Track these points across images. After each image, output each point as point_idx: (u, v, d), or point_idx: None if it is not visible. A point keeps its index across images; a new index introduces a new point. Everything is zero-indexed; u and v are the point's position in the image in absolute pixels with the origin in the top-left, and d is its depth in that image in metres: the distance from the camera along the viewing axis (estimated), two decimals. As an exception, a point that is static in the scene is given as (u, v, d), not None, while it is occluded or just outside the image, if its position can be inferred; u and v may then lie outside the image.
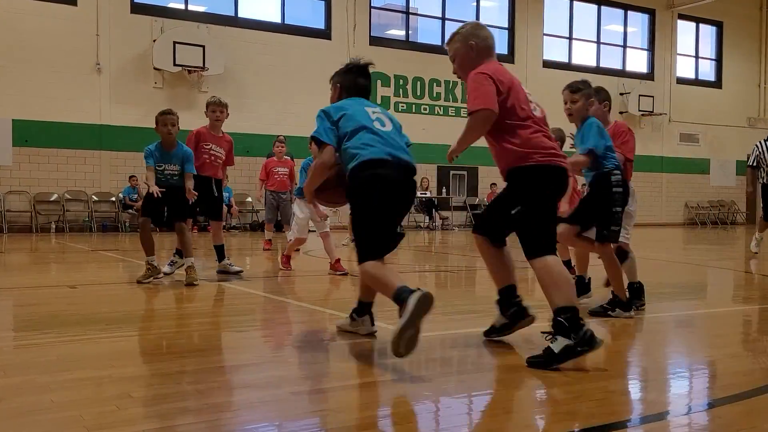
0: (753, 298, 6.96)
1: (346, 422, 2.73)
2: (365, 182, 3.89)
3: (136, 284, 6.63)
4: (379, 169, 3.89)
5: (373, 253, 3.89)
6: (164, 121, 6.63)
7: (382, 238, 3.95)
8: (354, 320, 4.48)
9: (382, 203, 3.90)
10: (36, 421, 2.67)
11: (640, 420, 2.86)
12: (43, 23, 15.52)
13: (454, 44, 4.26)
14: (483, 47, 4.23)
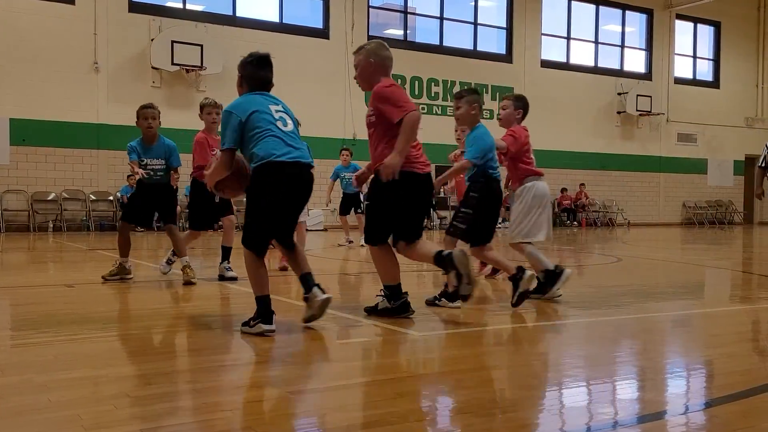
0: (750, 297, 6.97)
1: (345, 422, 2.73)
2: (268, 184, 4.25)
3: (135, 282, 6.62)
4: (281, 172, 4.25)
5: (259, 247, 4.32)
6: (144, 115, 6.62)
7: (272, 236, 4.41)
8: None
9: (281, 204, 4.29)
10: (33, 421, 2.67)
11: (637, 420, 2.86)
12: (41, 22, 15.50)
13: (359, 56, 4.91)
14: (380, 65, 4.85)
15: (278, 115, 4.43)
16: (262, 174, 4.27)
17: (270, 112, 4.42)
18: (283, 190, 4.27)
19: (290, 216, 4.44)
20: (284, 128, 4.38)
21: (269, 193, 4.26)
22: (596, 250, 13.12)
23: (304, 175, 4.37)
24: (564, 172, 22.50)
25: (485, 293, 6.52)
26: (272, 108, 4.45)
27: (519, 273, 5.40)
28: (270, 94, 4.66)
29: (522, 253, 5.91)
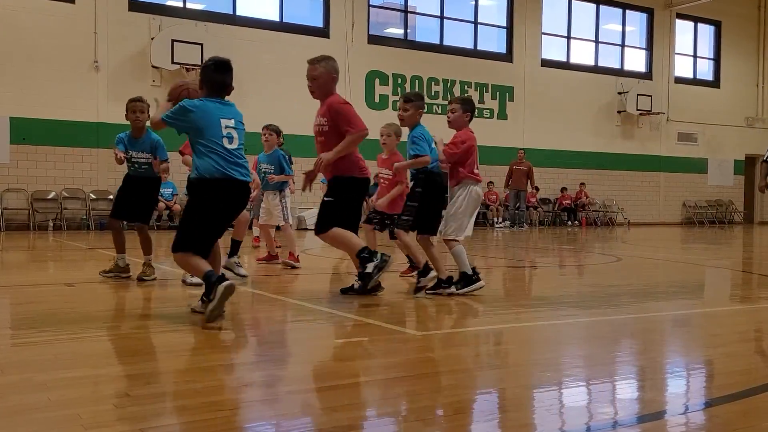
0: (750, 297, 6.98)
1: (343, 421, 2.73)
2: (204, 199, 4.65)
3: (135, 282, 6.62)
4: (219, 189, 4.61)
5: (194, 248, 4.64)
6: (133, 108, 6.74)
7: (205, 242, 4.73)
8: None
9: (216, 216, 4.69)
10: (33, 420, 2.67)
11: (637, 419, 2.86)
12: (41, 21, 15.49)
13: (320, 68, 5.73)
14: (335, 79, 5.75)
15: (226, 131, 4.67)
16: (200, 188, 4.66)
17: (220, 127, 4.66)
18: (218, 207, 4.66)
19: (219, 229, 4.82)
20: (229, 146, 4.66)
21: (204, 208, 4.64)
22: (596, 249, 13.12)
23: (237, 192, 4.72)
24: (564, 172, 22.49)
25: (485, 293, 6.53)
26: (223, 123, 4.68)
27: (425, 270, 6.07)
28: (226, 102, 4.87)
29: (450, 248, 6.11)
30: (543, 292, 7.04)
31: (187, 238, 4.64)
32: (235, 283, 4.61)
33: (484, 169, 21.31)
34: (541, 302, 6.09)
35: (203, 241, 4.72)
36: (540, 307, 5.78)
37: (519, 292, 7.21)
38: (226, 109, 4.81)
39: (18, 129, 15.45)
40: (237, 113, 4.87)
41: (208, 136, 4.61)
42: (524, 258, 11.03)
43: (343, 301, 5.69)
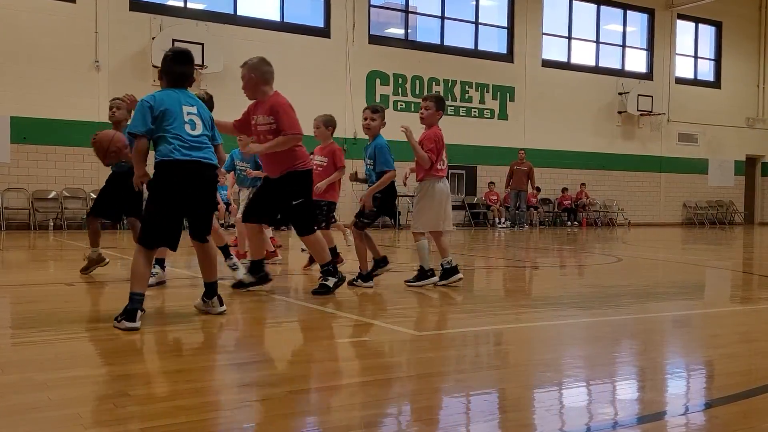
0: (750, 298, 6.97)
1: (345, 422, 2.73)
2: (162, 182, 4.54)
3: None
4: (175, 171, 4.51)
5: (150, 242, 4.58)
6: (110, 105, 6.94)
7: (163, 232, 4.60)
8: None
9: (171, 202, 4.56)
10: (33, 419, 2.67)
11: (637, 420, 2.86)
12: (42, 20, 15.50)
13: (243, 70, 5.87)
14: (261, 78, 5.79)
15: (188, 117, 4.62)
16: (159, 172, 4.56)
17: (181, 113, 4.60)
18: (175, 189, 4.55)
19: (181, 215, 4.67)
20: (191, 131, 4.60)
21: (163, 192, 4.56)
22: (597, 250, 13.12)
23: (198, 172, 4.58)
24: (564, 172, 22.49)
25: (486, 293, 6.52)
26: (185, 109, 4.63)
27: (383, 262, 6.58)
28: (187, 91, 4.81)
29: (415, 241, 6.55)
30: (543, 293, 7.04)
31: (148, 230, 4.57)
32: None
33: (485, 169, 21.45)
34: (542, 302, 6.09)
35: (165, 229, 4.59)
36: (540, 307, 5.78)
37: (519, 292, 7.21)
38: (187, 96, 4.75)
39: (19, 128, 15.46)
40: (197, 101, 4.82)
41: (170, 121, 4.54)
42: (525, 258, 11.03)
43: (343, 301, 5.69)
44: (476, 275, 8.91)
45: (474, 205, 21.07)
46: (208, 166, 4.64)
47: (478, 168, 21.05)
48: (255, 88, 5.81)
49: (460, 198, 20.86)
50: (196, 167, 4.56)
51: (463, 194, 20.96)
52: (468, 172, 20.99)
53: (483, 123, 20.97)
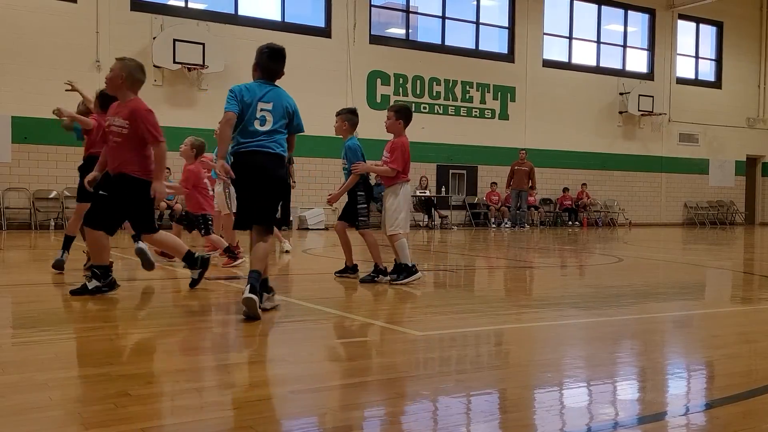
0: (751, 298, 6.97)
1: (345, 422, 2.73)
2: (235, 167, 4.99)
3: (135, 281, 6.63)
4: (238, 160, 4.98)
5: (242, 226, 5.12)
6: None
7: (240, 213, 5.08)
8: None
9: (245, 186, 5.00)
10: (34, 419, 2.67)
11: (638, 420, 2.86)
12: (43, 20, 15.50)
13: (118, 64, 5.74)
14: (129, 83, 5.65)
15: (261, 114, 4.96)
16: (235, 161, 5.01)
17: (255, 108, 4.96)
18: (244, 176, 4.98)
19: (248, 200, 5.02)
20: (260, 127, 4.96)
21: (237, 179, 5.01)
22: (597, 250, 13.11)
23: (262, 162, 4.95)
24: (565, 172, 22.49)
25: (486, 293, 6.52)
26: (260, 105, 4.97)
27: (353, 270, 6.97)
28: (272, 85, 5.11)
29: (394, 243, 6.76)
30: (544, 293, 7.04)
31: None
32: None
33: (486, 169, 21.42)
34: (542, 303, 6.09)
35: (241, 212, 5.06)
36: (541, 307, 5.78)
37: (520, 292, 7.21)
38: (266, 92, 5.04)
39: (19, 128, 15.46)
40: (275, 98, 5.04)
41: (246, 116, 4.94)
42: (525, 258, 11.03)
43: (343, 301, 5.69)
44: (476, 275, 8.91)
45: (474, 205, 21.07)
46: (269, 156, 4.95)
47: (479, 168, 21.05)
48: (118, 88, 5.70)
49: (460, 198, 20.86)
50: (250, 157, 4.94)
51: (464, 194, 20.96)
52: (469, 172, 20.99)
53: (484, 123, 20.97)
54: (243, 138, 4.95)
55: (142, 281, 6.72)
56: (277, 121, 4.99)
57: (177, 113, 16.13)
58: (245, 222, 5.07)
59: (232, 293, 6.36)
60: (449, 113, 20.62)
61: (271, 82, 5.10)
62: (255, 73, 5.14)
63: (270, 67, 5.08)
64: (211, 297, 6.27)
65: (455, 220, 20.47)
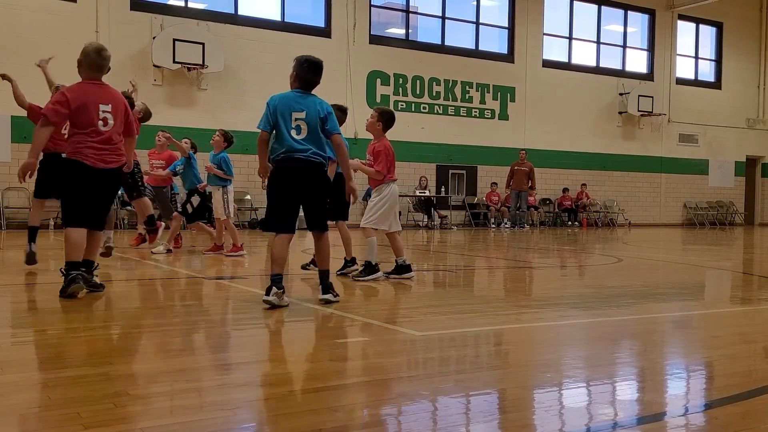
0: (751, 299, 6.97)
1: (345, 422, 2.73)
2: (272, 176, 5.37)
3: (134, 281, 6.62)
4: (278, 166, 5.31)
5: (274, 227, 5.36)
6: None
7: (278, 218, 5.33)
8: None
9: (280, 191, 5.33)
10: (33, 419, 2.67)
11: (637, 420, 2.86)
12: (42, 19, 15.50)
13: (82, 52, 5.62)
14: (85, 64, 5.57)
15: (296, 123, 5.28)
16: (273, 168, 5.36)
17: (290, 119, 5.28)
18: (278, 181, 5.30)
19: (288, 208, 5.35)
20: (296, 135, 5.27)
21: (271, 184, 5.37)
22: (597, 250, 13.12)
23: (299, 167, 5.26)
24: (565, 172, 22.50)
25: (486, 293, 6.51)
26: (294, 115, 5.29)
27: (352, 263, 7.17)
28: (307, 94, 5.44)
29: (366, 237, 6.94)
30: (543, 293, 7.04)
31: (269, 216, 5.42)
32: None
33: (485, 169, 21.44)
34: (542, 303, 6.09)
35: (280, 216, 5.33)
36: (540, 307, 5.78)
37: (519, 292, 7.21)
38: (301, 102, 5.35)
39: (19, 128, 15.45)
40: (307, 107, 5.33)
41: (281, 126, 5.26)
42: (525, 258, 11.04)
43: (344, 301, 5.69)
44: (476, 275, 8.91)
45: (474, 205, 21.06)
46: (308, 162, 5.27)
47: (479, 168, 21.06)
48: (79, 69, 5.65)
49: (460, 198, 20.86)
50: (289, 163, 5.25)
51: (463, 194, 20.96)
52: (468, 172, 21.00)
53: (483, 123, 20.98)
54: (280, 147, 5.26)
55: (142, 281, 6.72)
56: (311, 130, 5.29)
57: (177, 113, 16.12)
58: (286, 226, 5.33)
59: (233, 293, 6.36)
60: (449, 113, 20.62)
61: (308, 92, 5.42)
62: (294, 83, 5.46)
63: (309, 78, 5.45)
64: (212, 297, 6.27)
65: (455, 220, 20.47)
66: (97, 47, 5.63)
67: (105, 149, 5.51)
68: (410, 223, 19.86)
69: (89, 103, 5.47)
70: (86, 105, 5.45)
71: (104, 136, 5.50)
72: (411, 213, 19.90)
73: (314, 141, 5.30)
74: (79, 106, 5.43)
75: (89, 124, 5.46)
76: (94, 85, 5.58)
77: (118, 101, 5.65)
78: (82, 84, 5.57)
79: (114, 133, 5.57)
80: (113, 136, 5.57)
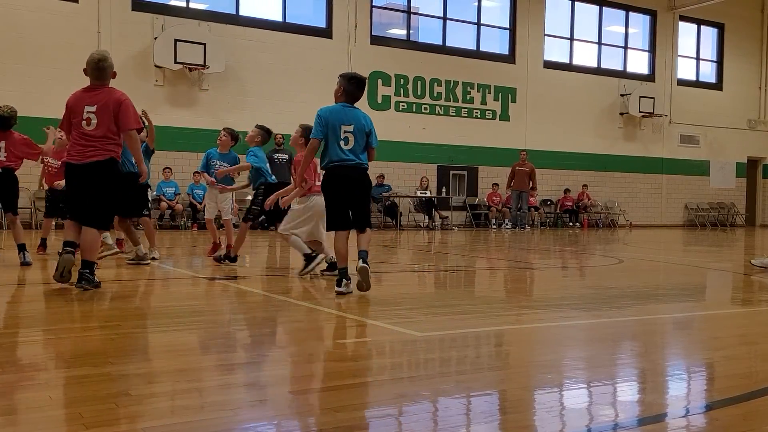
0: (751, 300, 6.97)
1: (345, 422, 2.73)
2: (326, 179, 5.98)
3: (136, 281, 6.63)
4: (332, 173, 5.93)
5: (333, 226, 6.01)
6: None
7: (337, 218, 5.96)
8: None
9: (335, 194, 5.95)
10: (34, 418, 2.68)
11: (638, 422, 2.86)
12: (44, 19, 15.51)
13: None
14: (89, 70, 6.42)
15: (344, 135, 5.88)
16: (326, 174, 5.96)
17: (339, 131, 5.86)
18: (333, 186, 5.94)
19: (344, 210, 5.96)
20: (344, 146, 5.87)
21: (325, 190, 5.99)
22: (598, 251, 13.11)
23: (350, 173, 5.92)
24: (566, 173, 22.49)
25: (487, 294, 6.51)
26: (343, 128, 5.87)
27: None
28: (352, 108, 6.00)
29: (287, 240, 7.31)
30: (544, 294, 7.04)
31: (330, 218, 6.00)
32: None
33: (486, 170, 21.43)
34: (543, 304, 6.09)
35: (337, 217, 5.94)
36: (541, 308, 5.78)
37: (520, 293, 7.21)
38: (350, 115, 5.92)
39: (21, 128, 15.38)
40: (355, 120, 5.93)
41: (331, 137, 5.84)
42: (526, 259, 11.04)
43: (344, 301, 5.70)
44: (477, 275, 8.91)
45: (475, 205, 21.06)
46: (356, 169, 5.93)
47: (480, 169, 21.06)
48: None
49: (461, 199, 20.86)
50: (342, 170, 5.89)
51: (464, 195, 20.96)
52: (469, 172, 21.00)
53: (484, 124, 20.98)
54: (333, 156, 5.87)
55: (143, 281, 6.72)
56: (357, 141, 5.91)
57: (178, 113, 16.12)
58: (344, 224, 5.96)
59: (233, 293, 6.36)
60: (450, 114, 20.62)
61: (353, 105, 5.98)
62: (340, 97, 5.97)
63: (355, 94, 6.02)
64: (213, 297, 6.27)
65: (456, 221, 20.47)
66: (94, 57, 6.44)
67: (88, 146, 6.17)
68: (411, 223, 19.86)
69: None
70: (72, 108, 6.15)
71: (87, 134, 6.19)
72: (412, 214, 19.91)
73: (359, 151, 5.94)
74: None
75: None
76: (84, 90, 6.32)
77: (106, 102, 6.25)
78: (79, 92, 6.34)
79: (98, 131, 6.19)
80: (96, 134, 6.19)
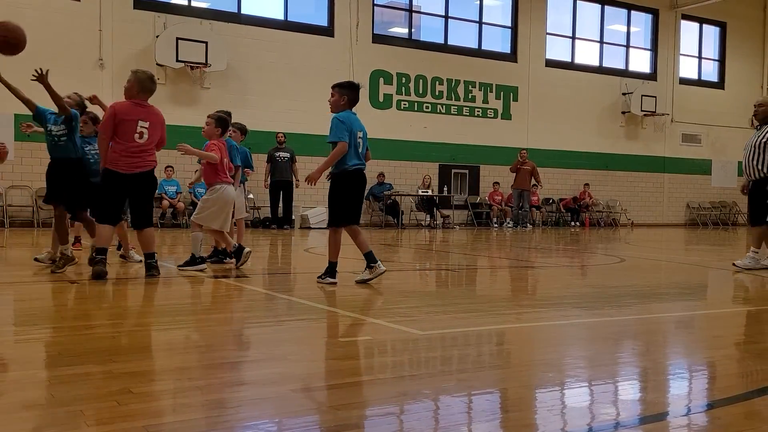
0: (753, 299, 6.97)
1: (346, 420, 2.74)
2: (344, 183, 6.42)
3: (138, 279, 6.63)
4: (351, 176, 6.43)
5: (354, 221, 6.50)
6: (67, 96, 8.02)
7: (349, 215, 6.46)
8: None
9: (354, 195, 6.49)
10: (36, 416, 2.68)
11: (639, 420, 2.86)
12: (46, 18, 15.52)
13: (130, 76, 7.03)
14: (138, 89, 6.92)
15: (358, 140, 6.37)
16: (343, 176, 6.38)
17: (355, 136, 6.35)
18: (354, 187, 6.43)
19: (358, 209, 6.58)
20: (360, 151, 6.42)
21: (344, 189, 6.39)
22: (599, 250, 13.11)
23: (364, 177, 6.56)
24: (568, 172, 22.48)
25: (487, 293, 6.51)
26: (358, 134, 6.39)
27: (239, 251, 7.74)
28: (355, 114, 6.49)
29: (191, 231, 7.64)
30: (546, 293, 7.04)
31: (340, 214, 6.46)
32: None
33: (487, 168, 21.43)
34: (544, 302, 6.10)
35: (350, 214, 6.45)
36: (543, 307, 5.78)
37: (522, 292, 7.21)
38: (358, 125, 6.43)
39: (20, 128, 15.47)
40: (363, 127, 6.50)
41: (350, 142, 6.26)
42: (527, 258, 11.03)
43: (345, 300, 5.70)
44: (478, 274, 8.91)
45: (477, 204, 21.06)
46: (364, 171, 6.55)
47: (481, 167, 21.05)
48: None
49: (463, 197, 20.85)
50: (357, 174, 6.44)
51: (466, 194, 20.95)
52: (471, 171, 20.99)
53: (486, 123, 20.97)
54: (354, 160, 6.34)
55: (144, 279, 6.73)
56: (365, 145, 6.47)
57: (180, 111, 16.12)
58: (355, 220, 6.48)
59: (235, 292, 6.37)
60: (452, 113, 20.61)
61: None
62: (346, 105, 6.35)
63: (357, 100, 6.48)
64: (214, 295, 6.28)
65: (457, 220, 20.46)
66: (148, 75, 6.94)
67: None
68: (413, 222, 19.86)
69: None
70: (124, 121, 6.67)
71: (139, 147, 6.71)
72: (413, 212, 19.90)
73: (362, 155, 6.49)
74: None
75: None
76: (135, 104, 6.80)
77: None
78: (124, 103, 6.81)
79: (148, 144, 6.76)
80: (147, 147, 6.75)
